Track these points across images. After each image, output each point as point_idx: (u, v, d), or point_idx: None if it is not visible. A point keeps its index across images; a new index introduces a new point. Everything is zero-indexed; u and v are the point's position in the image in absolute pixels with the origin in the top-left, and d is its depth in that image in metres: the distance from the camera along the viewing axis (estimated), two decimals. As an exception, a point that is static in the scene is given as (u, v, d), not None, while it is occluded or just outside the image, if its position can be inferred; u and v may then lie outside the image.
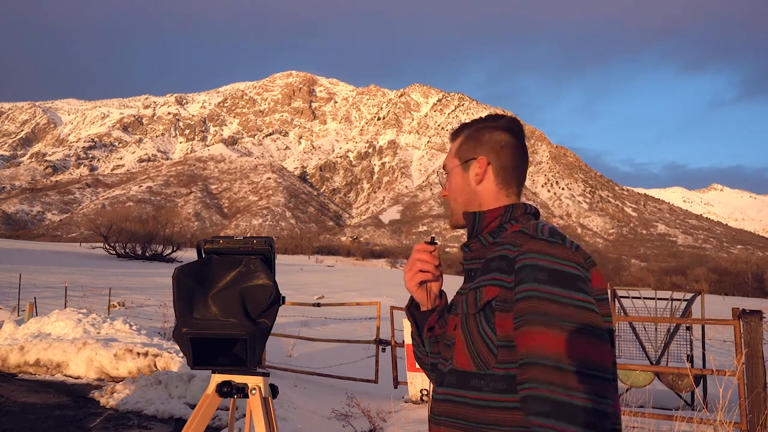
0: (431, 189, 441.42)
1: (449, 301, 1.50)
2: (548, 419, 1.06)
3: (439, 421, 1.31)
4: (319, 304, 10.23)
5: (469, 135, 1.44)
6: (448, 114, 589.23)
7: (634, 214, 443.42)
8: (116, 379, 8.29)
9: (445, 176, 1.48)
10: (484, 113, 1.56)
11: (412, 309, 1.50)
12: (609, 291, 8.71)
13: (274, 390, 1.99)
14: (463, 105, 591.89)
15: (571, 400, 1.06)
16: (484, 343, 1.23)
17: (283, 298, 1.87)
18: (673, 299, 8.49)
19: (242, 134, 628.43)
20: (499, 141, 1.40)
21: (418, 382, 7.38)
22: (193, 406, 6.59)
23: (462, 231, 1.45)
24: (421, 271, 1.42)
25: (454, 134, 1.49)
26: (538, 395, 1.09)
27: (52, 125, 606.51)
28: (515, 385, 1.16)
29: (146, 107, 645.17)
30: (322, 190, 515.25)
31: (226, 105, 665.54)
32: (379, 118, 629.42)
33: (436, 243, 1.46)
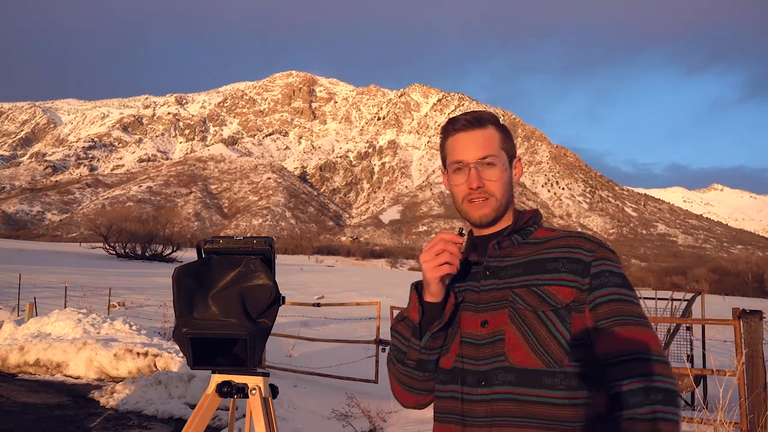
0: (431, 189, 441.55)
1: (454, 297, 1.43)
2: (667, 406, 1.18)
3: (494, 422, 1.26)
4: (319, 304, 10.22)
5: (503, 131, 1.46)
6: (448, 114, 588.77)
7: (634, 214, 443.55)
8: (116, 379, 8.28)
9: (485, 165, 1.40)
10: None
11: (423, 301, 1.39)
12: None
13: (274, 390, 1.99)
14: (463, 105, 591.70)
15: (674, 387, 1.21)
16: (556, 341, 1.27)
17: (283, 298, 1.87)
18: (673, 299, 8.49)
19: (242, 134, 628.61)
20: None
21: (418, 382, 7.37)
22: (193, 406, 6.59)
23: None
24: (448, 264, 1.32)
25: (480, 122, 1.43)
26: (654, 386, 1.20)
27: (52, 125, 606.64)
28: (586, 383, 1.25)
29: (146, 107, 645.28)
30: (322, 190, 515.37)
31: (226, 105, 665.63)
32: (379, 118, 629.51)
33: (464, 235, 1.39)
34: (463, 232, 1.40)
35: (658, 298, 8.67)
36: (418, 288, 1.41)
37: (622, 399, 1.22)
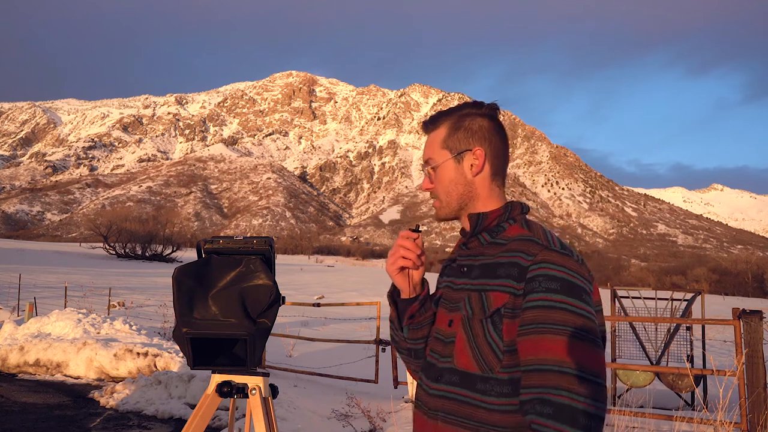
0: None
1: (432, 291, 1.52)
2: (550, 420, 1.12)
3: (437, 416, 1.33)
4: (319, 304, 10.21)
5: (455, 125, 1.41)
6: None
7: (634, 214, 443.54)
8: (116, 379, 8.28)
9: (429, 170, 1.45)
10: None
11: (395, 295, 1.51)
12: (609, 291, 8.70)
13: (274, 390, 1.99)
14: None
15: (575, 404, 1.11)
16: (490, 347, 1.27)
17: (283, 298, 1.87)
18: (673, 299, 8.48)
19: (242, 134, 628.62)
20: (488, 128, 1.40)
21: (418, 382, 7.36)
22: (193, 406, 6.59)
23: (445, 225, 1.45)
24: (403, 257, 1.42)
25: (432, 124, 1.45)
26: (546, 398, 1.13)
27: (52, 125, 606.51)
28: (519, 389, 1.22)
29: (146, 107, 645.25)
30: (322, 190, 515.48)
31: (226, 105, 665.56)
32: (379, 118, 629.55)
33: (420, 231, 1.46)
34: (420, 227, 1.48)
35: (659, 298, 8.66)
36: (394, 286, 1.52)
37: (522, 410, 1.19)
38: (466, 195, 1.39)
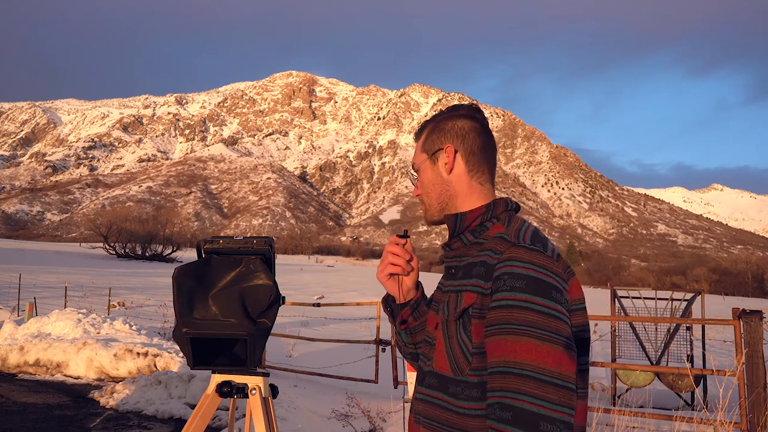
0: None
1: (429, 295, 1.49)
2: (507, 426, 1.06)
3: (419, 420, 1.31)
4: (319, 304, 10.20)
5: (432, 129, 1.42)
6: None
7: (634, 214, 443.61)
8: (116, 379, 8.28)
9: (415, 176, 1.46)
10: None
11: (390, 301, 1.51)
12: (609, 291, 8.70)
13: (274, 390, 1.99)
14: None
15: (536, 408, 1.06)
16: (460, 349, 1.23)
17: (283, 298, 1.87)
18: (673, 299, 8.49)
19: (242, 134, 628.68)
20: (462, 127, 1.39)
21: (418, 382, 7.35)
22: (193, 406, 6.59)
23: (445, 225, 1.44)
24: (391, 264, 1.42)
25: (418, 133, 1.47)
26: (505, 403, 1.08)
27: (52, 125, 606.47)
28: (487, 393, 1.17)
29: (146, 107, 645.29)
30: (322, 190, 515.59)
31: (226, 105, 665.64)
32: (379, 118, 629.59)
33: (408, 236, 1.46)
34: (408, 233, 1.48)
35: (658, 298, 8.66)
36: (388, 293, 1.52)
37: (485, 414, 1.15)
38: (445, 194, 1.38)
